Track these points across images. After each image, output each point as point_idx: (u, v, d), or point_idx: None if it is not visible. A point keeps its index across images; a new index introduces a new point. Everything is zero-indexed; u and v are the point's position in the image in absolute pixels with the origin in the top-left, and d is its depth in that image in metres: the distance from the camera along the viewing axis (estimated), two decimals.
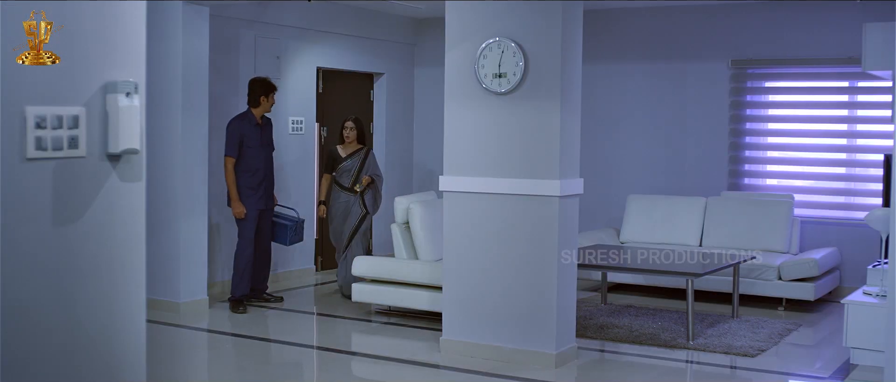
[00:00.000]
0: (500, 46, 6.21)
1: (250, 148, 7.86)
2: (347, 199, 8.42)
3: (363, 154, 8.49)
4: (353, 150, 8.49)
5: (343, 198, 8.43)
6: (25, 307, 3.73)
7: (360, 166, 8.44)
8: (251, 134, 7.88)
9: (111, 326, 4.05)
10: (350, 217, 8.44)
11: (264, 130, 8.00)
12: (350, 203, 8.42)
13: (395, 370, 6.25)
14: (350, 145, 8.50)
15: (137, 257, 4.15)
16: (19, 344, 3.70)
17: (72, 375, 3.90)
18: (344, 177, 8.44)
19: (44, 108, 3.72)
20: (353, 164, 8.44)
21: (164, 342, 6.86)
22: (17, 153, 3.65)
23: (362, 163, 8.45)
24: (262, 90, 7.90)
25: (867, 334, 6.19)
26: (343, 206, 8.43)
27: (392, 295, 7.53)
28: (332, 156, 8.54)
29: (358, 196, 8.43)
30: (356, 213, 8.42)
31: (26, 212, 3.70)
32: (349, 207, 8.42)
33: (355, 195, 8.42)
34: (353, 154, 8.48)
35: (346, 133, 8.48)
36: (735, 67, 9.36)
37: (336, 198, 8.45)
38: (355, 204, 8.42)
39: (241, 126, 7.83)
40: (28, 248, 3.71)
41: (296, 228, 8.25)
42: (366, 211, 8.46)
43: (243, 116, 7.92)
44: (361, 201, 8.42)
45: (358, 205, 8.42)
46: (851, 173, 9.10)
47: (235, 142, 7.80)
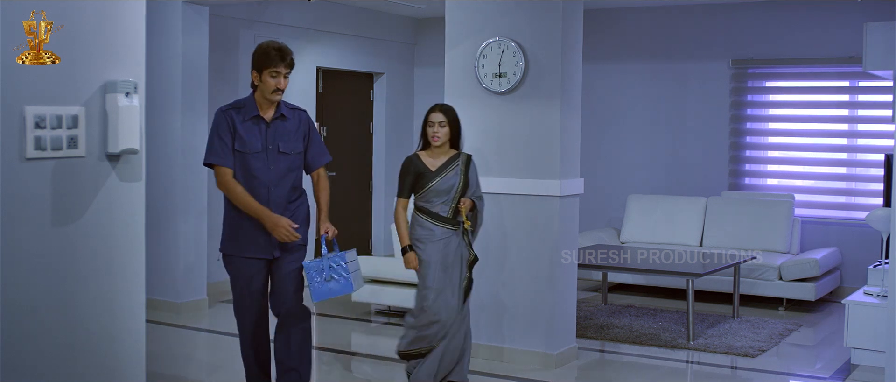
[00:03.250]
0: (500, 46, 6.20)
1: None
2: (446, 237, 5.42)
3: (462, 164, 5.48)
4: (446, 158, 5.47)
5: (439, 236, 5.41)
6: (25, 306, 3.72)
7: (462, 184, 5.44)
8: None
9: (111, 326, 4.05)
10: (454, 266, 5.45)
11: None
12: (453, 244, 5.43)
13: (395, 370, 6.24)
14: (440, 150, 5.45)
15: (137, 256, 4.15)
16: (19, 344, 3.70)
17: (72, 375, 3.89)
18: (438, 202, 5.43)
19: (43, 107, 3.71)
20: (451, 181, 5.41)
21: (164, 342, 6.85)
22: (17, 153, 3.65)
23: (465, 178, 5.46)
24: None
25: (868, 334, 6.18)
26: (442, 248, 5.41)
27: (392, 295, 7.52)
28: (417, 170, 5.42)
29: (461, 232, 5.47)
30: (464, 258, 5.51)
31: (26, 212, 3.69)
32: (453, 249, 5.43)
33: (456, 230, 5.44)
34: (447, 165, 5.45)
35: (434, 132, 5.39)
36: (736, 67, 9.35)
37: (426, 237, 5.40)
38: (461, 245, 5.48)
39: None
40: (28, 248, 3.71)
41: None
42: (474, 254, 5.57)
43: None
44: (467, 240, 5.52)
45: (464, 245, 5.51)
46: (852, 172, 9.09)
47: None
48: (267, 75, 4.77)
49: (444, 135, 5.40)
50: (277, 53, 4.77)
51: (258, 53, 4.82)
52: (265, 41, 4.88)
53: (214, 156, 4.76)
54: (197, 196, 7.81)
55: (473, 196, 5.50)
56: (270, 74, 4.76)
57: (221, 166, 4.76)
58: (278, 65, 4.75)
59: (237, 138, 4.77)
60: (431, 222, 5.40)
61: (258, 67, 4.80)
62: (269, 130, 4.84)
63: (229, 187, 4.77)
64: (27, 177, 3.69)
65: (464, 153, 5.53)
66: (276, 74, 4.76)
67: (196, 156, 7.77)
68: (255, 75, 4.81)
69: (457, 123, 5.45)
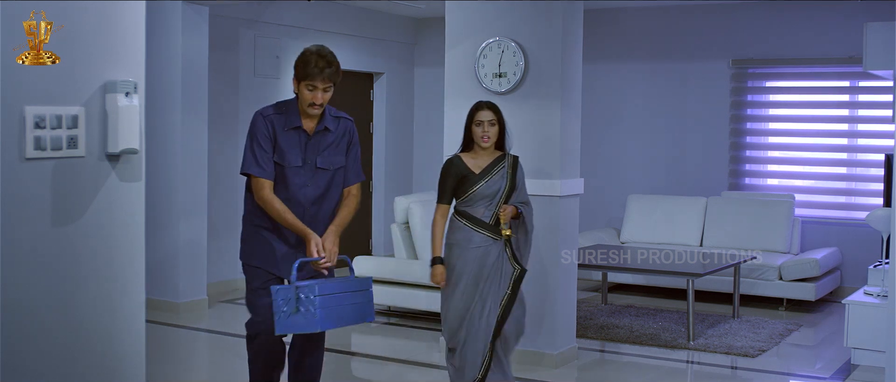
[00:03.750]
0: (500, 46, 6.20)
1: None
2: (486, 245, 4.96)
3: (509, 166, 5.03)
4: (491, 160, 5.03)
5: (478, 243, 4.96)
6: (25, 306, 3.72)
7: (508, 188, 4.99)
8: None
9: (111, 326, 4.05)
10: (490, 280, 4.97)
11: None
12: (492, 254, 4.97)
13: (395, 370, 6.24)
14: (486, 151, 5.01)
15: (137, 257, 4.14)
16: (19, 344, 3.70)
17: (72, 375, 3.89)
18: (480, 208, 4.98)
19: (43, 107, 3.71)
20: (497, 185, 4.98)
21: (164, 342, 6.85)
22: (17, 153, 3.64)
23: (512, 182, 5.01)
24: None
25: (868, 334, 6.18)
26: (478, 257, 4.95)
27: (392, 295, 7.52)
28: (459, 173, 5.00)
29: (504, 243, 5.00)
30: (507, 273, 4.99)
31: (25, 212, 3.69)
32: (491, 260, 4.97)
33: (499, 241, 4.97)
34: (492, 167, 5.01)
35: (483, 132, 4.95)
36: (736, 67, 9.35)
37: (463, 242, 4.97)
38: (503, 257, 4.99)
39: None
40: (28, 248, 3.71)
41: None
42: (520, 268, 5.01)
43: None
44: (511, 252, 5.01)
45: (508, 259, 5.00)
46: (852, 172, 9.09)
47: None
48: (303, 87, 4.22)
49: (495, 134, 4.94)
50: (317, 64, 4.18)
51: (298, 59, 4.27)
52: (311, 46, 4.29)
53: (254, 166, 4.26)
54: (197, 196, 7.81)
55: (518, 202, 4.99)
56: (307, 87, 4.21)
57: (260, 178, 4.25)
58: (315, 77, 4.19)
59: (276, 149, 4.27)
60: (471, 227, 4.93)
61: (296, 76, 4.25)
62: (310, 144, 4.32)
63: (267, 202, 4.25)
64: (27, 177, 3.69)
65: (510, 154, 5.05)
66: (312, 87, 4.21)
67: (196, 156, 7.78)
68: (295, 83, 4.29)
69: (503, 121, 5.00)
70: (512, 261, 4.97)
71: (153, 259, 7.29)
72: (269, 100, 8.97)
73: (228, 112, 8.60)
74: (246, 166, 4.29)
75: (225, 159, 8.53)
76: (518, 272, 4.97)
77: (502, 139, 5.01)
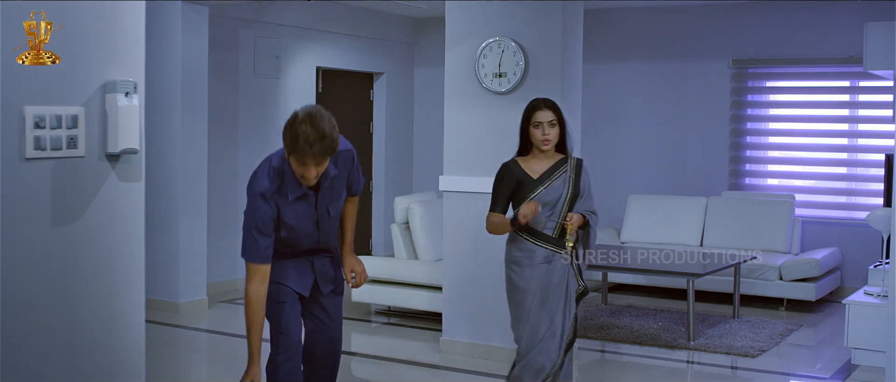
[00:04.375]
0: (500, 46, 6.20)
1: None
2: (550, 260, 4.48)
3: (571, 170, 4.53)
4: (550, 163, 4.53)
5: (541, 259, 4.48)
6: (25, 306, 3.72)
7: (570, 194, 4.48)
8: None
9: (110, 326, 4.05)
10: (556, 298, 4.50)
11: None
12: (558, 270, 4.49)
13: (395, 370, 6.23)
14: (545, 154, 4.53)
15: (137, 257, 4.14)
16: (19, 344, 3.70)
17: (72, 375, 3.89)
18: (541, 217, 4.46)
19: (42, 107, 3.71)
20: (558, 191, 4.48)
21: (164, 342, 6.85)
22: (17, 153, 3.64)
23: (574, 187, 4.50)
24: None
25: (868, 334, 6.18)
26: (543, 274, 4.49)
27: (392, 295, 7.52)
28: (516, 178, 4.52)
29: (569, 257, 4.51)
30: (572, 290, 4.56)
31: (25, 212, 3.69)
32: (557, 277, 4.50)
33: (562, 253, 4.49)
34: (553, 171, 4.52)
35: (543, 133, 4.46)
36: (736, 67, 9.35)
37: (525, 259, 4.51)
38: (569, 273, 4.52)
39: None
40: (27, 248, 3.70)
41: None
42: (584, 285, 4.58)
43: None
44: (576, 266, 4.54)
45: (573, 273, 4.54)
46: (852, 172, 9.09)
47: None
48: (293, 160, 3.71)
49: (556, 136, 4.44)
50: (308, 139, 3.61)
51: (287, 127, 3.67)
52: (304, 112, 3.67)
53: (255, 254, 3.84)
54: (197, 196, 7.81)
55: (583, 210, 4.48)
56: (297, 161, 3.70)
57: (258, 265, 3.86)
58: (306, 155, 3.65)
59: (284, 225, 3.88)
60: (532, 242, 4.44)
61: (285, 146, 3.71)
62: (318, 199, 3.92)
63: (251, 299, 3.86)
64: (27, 177, 3.68)
65: (573, 158, 4.55)
66: (304, 162, 3.69)
67: (196, 156, 7.77)
68: (285, 150, 3.74)
69: (564, 120, 4.50)
70: (577, 277, 4.50)
71: (153, 259, 7.29)
72: (268, 100, 8.99)
73: (228, 112, 8.60)
74: (247, 254, 3.86)
75: (225, 159, 8.54)
76: (581, 290, 4.52)
77: (564, 141, 4.50)
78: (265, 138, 8.89)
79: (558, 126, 4.45)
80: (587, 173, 4.57)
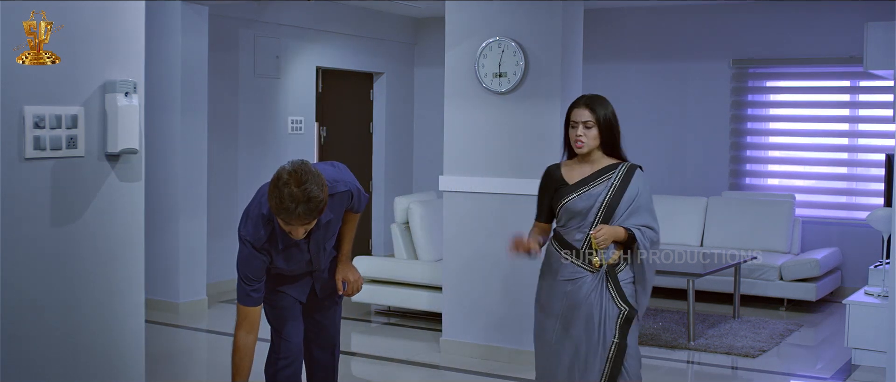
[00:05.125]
0: (500, 46, 6.20)
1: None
2: (575, 278, 3.95)
3: (618, 177, 4.00)
4: (595, 169, 4.03)
5: (566, 275, 3.98)
6: (25, 306, 3.71)
7: (606, 202, 3.94)
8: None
9: (110, 326, 4.04)
10: (585, 324, 3.91)
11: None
12: (584, 290, 3.92)
13: (395, 370, 6.23)
14: (589, 158, 4.03)
15: (136, 256, 4.14)
16: (19, 344, 3.69)
17: (71, 375, 3.89)
18: (572, 229, 3.99)
19: (42, 107, 3.70)
20: (592, 199, 3.96)
21: (164, 342, 6.85)
22: (16, 153, 3.64)
23: (615, 195, 3.96)
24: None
25: (869, 334, 6.18)
26: (562, 295, 3.97)
27: (392, 295, 7.51)
28: (555, 183, 4.09)
29: (606, 276, 3.93)
30: (611, 315, 3.90)
31: (25, 212, 3.69)
32: (582, 297, 3.92)
33: (594, 272, 3.92)
34: (595, 177, 4.00)
35: (577, 135, 3.98)
36: (736, 67, 9.34)
37: (552, 276, 4.03)
38: (603, 294, 3.91)
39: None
40: (27, 248, 3.70)
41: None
42: (627, 308, 3.91)
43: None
44: (615, 287, 3.93)
45: (609, 296, 3.91)
46: (853, 172, 9.09)
47: None
48: (280, 220, 3.59)
49: (592, 139, 3.92)
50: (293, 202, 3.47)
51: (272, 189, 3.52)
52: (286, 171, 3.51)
53: (245, 299, 3.84)
54: (197, 196, 7.80)
55: (626, 224, 3.87)
56: (284, 222, 3.59)
57: (249, 308, 3.87)
58: (290, 217, 3.52)
59: (277, 273, 3.91)
60: (560, 254, 3.95)
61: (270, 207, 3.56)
62: (311, 243, 3.84)
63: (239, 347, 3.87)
64: (26, 177, 3.68)
65: (627, 163, 3.98)
66: (289, 222, 3.57)
67: (196, 156, 7.77)
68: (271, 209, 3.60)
69: (610, 120, 3.95)
70: (617, 300, 3.86)
71: (153, 259, 7.28)
72: (268, 99, 8.98)
73: (228, 112, 8.59)
74: (239, 297, 3.87)
75: (225, 159, 8.53)
76: (625, 313, 3.85)
77: (614, 143, 3.97)
78: (265, 138, 8.89)
79: (597, 127, 3.92)
80: (643, 182, 3.95)
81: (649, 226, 3.90)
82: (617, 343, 3.82)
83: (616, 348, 3.81)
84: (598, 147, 3.96)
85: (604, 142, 3.95)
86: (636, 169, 3.98)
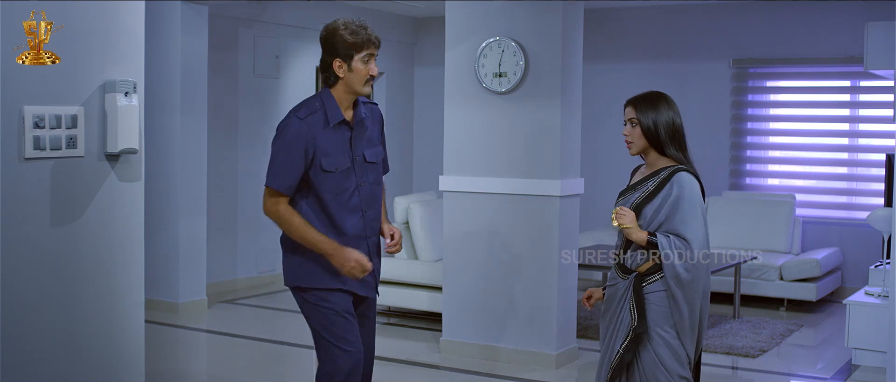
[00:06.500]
0: (501, 46, 6.19)
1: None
2: (612, 284, 3.86)
3: (656, 182, 3.78)
4: (647, 172, 3.90)
5: (611, 280, 3.89)
6: (25, 306, 3.71)
7: (634, 205, 3.79)
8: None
9: (110, 325, 4.04)
10: (613, 325, 3.79)
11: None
12: (616, 297, 3.80)
13: (395, 370, 6.23)
14: (648, 160, 3.92)
15: (136, 256, 4.14)
16: (19, 343, 3.69)
17: (72, 374, 3.89)
18: (616, 234, 3.92)
19: (42, 107, 3.70)
20: (627, 204, 3.84)
21: (164, 342, 6.84)
22: (16, 153, 3.64)
23: (646, 197, 3.77)
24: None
25: (869, 334, 6.18)
26: (608, 299, 3.87)
27: (392, 295, 7.51)
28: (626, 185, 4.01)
29: (631, 282, 3.72)
30: (624, 323, 3.72)
31: (25, 212, 3.68)
32: (614, 304, 3.81)
33: (625, 279, 3.77)
34: (643, 181, 3.85)
35: (624, 134, 3.92)
36: (736, 67, 9.34)
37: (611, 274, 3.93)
38: (625, 300, 3.74)
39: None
40: (27, 248, 3.70)
41: None
42: (636, 324, 3.66)
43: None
44: (634, 295, 3.69)
45: (629, 305, 3.71)
46: (853, 172, 9.09)
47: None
48: (358, 61, 3.73)
49: (638, 138, 3.77)
50: (364, 27, 3.78)
51: (334, 35, 3.76)
52: (339, 21, 3.82)
53: (278, 178, 3.64)
54: (197, 196, 7.80)
55: (662, 231, 3.61)
56: (362, 60, 3.74)
57: (279, 191, 3.65)
58: (372, 44, 3.75)
59: (322, 156, 3.67)
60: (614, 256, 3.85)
61: (346, 53, 3.71)
62: (354, 138, 3.77)
63: (282, 216, 3.65)
64: (26, 177, 3.68)
65: (674, 167, 3.74)
66: (369, 56, 3.75)
67: (196, 156, 7.76)
68: (339, 65, 3.73)
69: (656, 119, 3.78)
70: (632, 312, 3.64)
71: (153, 259, 7.28)
72: (268, 100, 8.98)
73: (228, 112, 8.59)
74: (270, 178, 3.66)
75: (225, 159, 8.53)
76: (633, 324, 3.62)
77: (660, 144, 3.76)
78: (265, 138, 8.88)
79: (639, 127, 3.75)
80: (683, 187, 3.63)
81: (679, 234, 3.56)
82: (621, 354, 3.65)
83: (618, 359, 3.67)
84: (651, 148, 3.77)
85: (651, 142, 3.75)
86: (677, 173, 3.67)
